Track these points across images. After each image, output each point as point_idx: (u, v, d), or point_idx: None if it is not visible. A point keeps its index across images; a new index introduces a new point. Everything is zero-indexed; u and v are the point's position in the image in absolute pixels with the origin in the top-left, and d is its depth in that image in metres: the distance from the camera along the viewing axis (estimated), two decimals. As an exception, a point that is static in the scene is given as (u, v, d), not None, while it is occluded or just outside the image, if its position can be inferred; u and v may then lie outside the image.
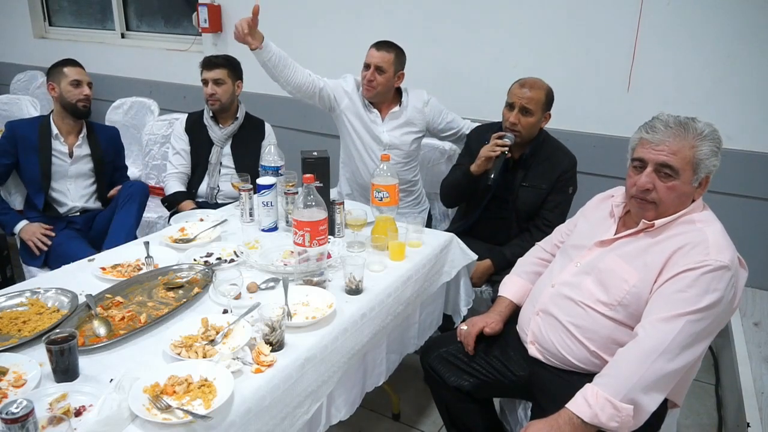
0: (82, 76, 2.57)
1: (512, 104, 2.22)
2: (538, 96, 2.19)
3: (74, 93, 2.53)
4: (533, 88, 2.20)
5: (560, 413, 1.36)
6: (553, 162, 2.27)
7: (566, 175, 2.27)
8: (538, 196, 2.28)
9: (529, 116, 2.19)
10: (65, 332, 1.26)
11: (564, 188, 2.28)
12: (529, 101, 2.18)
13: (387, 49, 2.51)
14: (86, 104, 2.57)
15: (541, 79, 2.25)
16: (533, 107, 2.18)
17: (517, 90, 2.21)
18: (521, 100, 2.19)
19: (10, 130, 2.54)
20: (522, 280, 1.84)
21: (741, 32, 2.48)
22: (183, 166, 2.77)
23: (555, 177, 2.25)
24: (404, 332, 1.91)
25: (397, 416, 2.30)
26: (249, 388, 1.25)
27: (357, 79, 2.63)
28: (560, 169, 2.26)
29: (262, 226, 2.08)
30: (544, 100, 2.20)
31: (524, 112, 2.19)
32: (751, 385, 1.99)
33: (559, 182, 2.26)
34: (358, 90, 2.62)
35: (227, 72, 2.66)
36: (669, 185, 1.45)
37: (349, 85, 2.63)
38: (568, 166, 2.27)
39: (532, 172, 2.28)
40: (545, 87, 2.23)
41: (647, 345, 1.35)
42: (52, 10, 5.04)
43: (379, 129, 2.61)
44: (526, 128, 2.21)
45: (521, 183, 2.29)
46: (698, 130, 1.45)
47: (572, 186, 2.30)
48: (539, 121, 2.23)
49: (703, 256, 1.37)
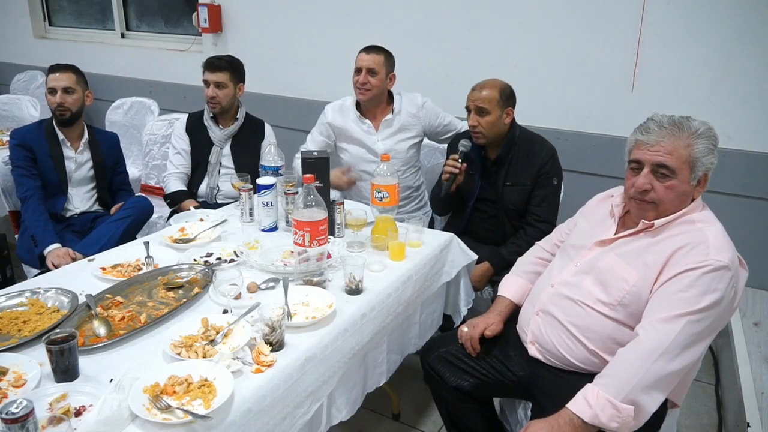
0: (58, 83, 2.49)
1: (468, 108, 2.27)
2: (491, 94, 2.21)
3: (50, 101, 2.51)
4: (485, 88, 2.23)
5: (561, 413, 1.36)
6: (531, 156, 2.28)
7: (546, 166, 2.27)
8: (523, 193, 2.29)
9: (486, 115, 2.21)
10: (65, 332, 1.26)
11: (547, 180, 2.28)
12: (482, 101, 2.21)
13: (376, 52, 2.55)
14: (63, 112, 2.50)
15: (496, 78, 2.28)
16: (487, 105, 2.21)
17: (471, 94, 2.27)
18: (475, 101, 2.23)
19: (20, 138, 2.51)
20: (522, 279, 1.84)
21: (743, 32, 2.48)
22: (183, 166, 2.77)
23: (536, 171, 2.26)
24: (404, 332, 1.91)
25: (398, 416, 2.30)
26: (249, 388, 1.25)
27: (338, 103, 2.71)
28: (539, 161, 2.26)
29: (262, 226, 2.08)
30: (498, 97, 2.22)
31: (480, 113, 2.22)
32: (751, 385, 1.99)
33: (540, 176, 2.27)
34: (341, 109, 2.68)
35: (229, 75, 2.65)
36: (667, 185, 1.46)
37: (329, 115, 2.70)
38: (546, 157, 2.27)
39: (512, 169, 2.29)
40: (499, 84, 2.25)
41: (648, 345, 1.35)
42: (52, 10, 5.04)
43: (372, 139, 2.63)
44: (487, 127, 2.23)
45: (504, 182, 2.30)
46: (693, 128, 1.45)
47: (556, 176, 2.30)
48: (500, 119, 2.23)
49: (703, 256, 1.37)
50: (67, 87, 2.50)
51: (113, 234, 2.43)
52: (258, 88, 3.34)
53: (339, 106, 2.71)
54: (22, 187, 2.48)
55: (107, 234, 2.43)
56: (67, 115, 2.52)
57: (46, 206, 2.50)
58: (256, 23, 3.74)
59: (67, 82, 2.50)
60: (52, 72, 2.53)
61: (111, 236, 2.42)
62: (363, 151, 2.65)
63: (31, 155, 2.49)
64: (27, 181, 2.47)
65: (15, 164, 2.50)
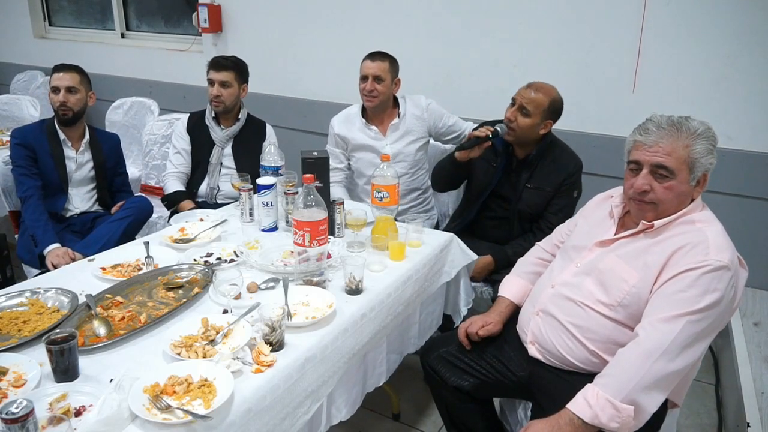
0: (62, 82, 2.49)
1: (514, 101, 2.24)
2: (540, 99, 2.18)
3: (53, 100, 2.51)
4: (538, 90, 2.20)
5: (561, 413, 1.36)
6: (558, 165, 2.26)
7: (572, 178, 2.26)
8: (543, 198, 2.27)
9: (527, 117, 2.19)
10: (65, 332, 1.26)
11: (569, 192, 2.27)
12: (529, 102, 2.18)
13: (381, 59, 2.56)
14: (65, 112, 2.50)
15: (554, 87, 2.24)
16: (532, 109, 2.18)
17: (523, 89, 2.23)
18: (522, 99, 2.20)
19: (21, 137, 2.51)
20: (522, 280, 1.83)
21: (743, 32, 2.48)
22: (183, 166, 2.77)
23: (560, 180, 2.25)
24: (404, 332, 1.91)
25: (397, 416, 2.30)
26: (249, 388, 1.25)
27: (343, 114, 2.72)
28: (566, 172, 2.25)
29: (262, 226, 2.08)
30: (546, 106, 2.19)
31: (522, 111, 2.19)
32: (751, 385, 1.99)
33: (564, 185, 2.26)
34: (346, 119, 2.70)
35: (234, 75, 2.66)
36: (666, 185, 1.45)
37: (336, 126, 2.71)
38: (574, 169, 2.27)
39: (537, 173, 2.27)
40: (552, 94, 2.21)
41: (648, 345, 1.35)
42: (52, 10, 5.04)
43: (381, 144, 2.65)
44: (521, 128, 2.20)
45: (525, 184, 2.28)
46: (691, 129, 1.45)
47: (577, 190, 2.30)
48: (537, 126, 2.21)
49: (703, 256, 1.37)
50: (70, 86, 2.50)
51: (113, 234, 2.43)
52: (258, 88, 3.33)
53: (344, 116, 2.73)
54: (22, 187, 2.47)
55: (107, 234, 2.43)
56: (69, 115, 2.52)
57: (46, 206, 2.49)
58: (256, 23, 3.74)
59: (71, 81, 2.51)
60: (56, 71, 2.53)
61: (110, 236, 2.42)
62: (372, 156, 2.65)
63: (32, 155, 2.49)
64: (27, 180, 2.47)
65: (15, 163, 2.50)
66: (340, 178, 2.74)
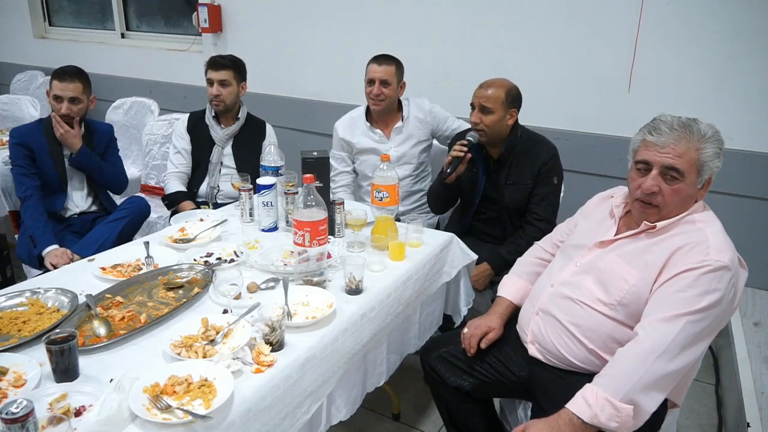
0: (65, 92, 2.44)
1: (473, 104, 2.27)
2: (496, 94, 2.21)
3: (55, 107, 2.50)
4: (492, 87, 2.23)
5: (560, 413, 1.36)
6: (532, 156, 2.28)
7: (547, 166, 2.27)
8: (524, 192, 2.29)
9: (490, 114, 2.22)
10: (65, 332, 1.26)
11: (548, 179, 2.28)
12: (487, 100, 2.21)
13: (387, 62, 2.57)
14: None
15: (505, 78, 2.28)
16: (492, 105, 2.21)
17: (477, 91, 2.27)
18: (479, 99, 2.23)
19: (19, 136, 2.50)
20: (521, 280, 1.83)
21: (741, 32, 2.48)
22: (183, 166, 2.78)
23: (536, 170, 2.27)
24: (404, 332, 1.91)
25: (397, 416, 2.30)
26: (249, 388, 1.25)
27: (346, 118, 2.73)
28: (540, 161, 2.27)
29: (262, 226, 2.08)
30: (503, 98, 2.22)
31: (484, 111, 2.22)
32: (751, 385, 1.99)
33: (541, 175, 2.27)
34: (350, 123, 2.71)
35: (233, 73, 2.66)
36: (674, 188, 1.45)
37: (340, 131, 2.72)
38: (548, 156, 2.28)
39: (514, 169, 2.30)
40: (506, 85, 2.25)
41: (647, 345, 1.35)
42: (52, 10, 5.04)
43: (386, 147, 2.66)
44: (489, 126, 2.23)
45: (506, 182, 2.31)
46: (702, 131, 1.45)
47: (556, 176, 2.31)
48: (502, 119, 2.23)
49: (703, 256, 1.37)
50: (74, 98, 2.47)
51: (110, 235, 2.44)
52: (258, 88, 3.33)
53: (348, 120, 2.74)
54: (22, 186, 2.47)
55: (104, 235, 2.43)
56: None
57: (46, 205, 2.49)
58: (256, 23, 3.74)
59: (74, 92, 2.46)
60: (59, 79, 2.46)
61: (108, 237, 2.42)
62: (376, 159, 2.65)
63: (30, 154, 2.49)
64: (26, 180, 2.47)
65: (14, 163, 2.49)
66: (347, 181, 2.75)
